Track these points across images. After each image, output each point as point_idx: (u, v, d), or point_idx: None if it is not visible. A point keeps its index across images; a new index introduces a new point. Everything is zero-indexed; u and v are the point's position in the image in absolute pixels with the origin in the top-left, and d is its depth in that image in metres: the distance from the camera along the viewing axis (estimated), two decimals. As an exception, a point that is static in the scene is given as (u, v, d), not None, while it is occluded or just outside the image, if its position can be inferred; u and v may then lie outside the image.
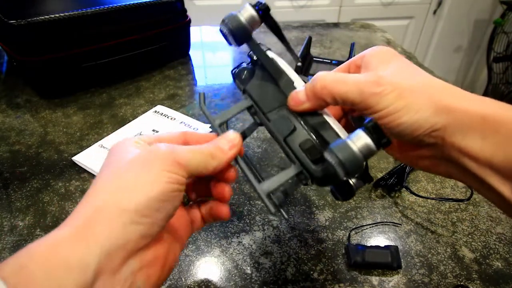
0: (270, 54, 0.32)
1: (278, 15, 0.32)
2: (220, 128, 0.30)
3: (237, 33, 0.29)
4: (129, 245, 0.21)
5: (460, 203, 0.48)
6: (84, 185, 0.49)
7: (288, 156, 0.30)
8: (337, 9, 1.83)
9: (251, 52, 0.32)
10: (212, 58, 0.88)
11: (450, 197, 0.49)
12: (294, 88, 0.30)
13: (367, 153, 0.23)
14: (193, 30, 0.83)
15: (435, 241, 0.43)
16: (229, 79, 0.78)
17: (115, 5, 0.65)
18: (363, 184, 0.30)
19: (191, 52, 0.85)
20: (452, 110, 0.24)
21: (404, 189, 0.49)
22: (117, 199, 0.21)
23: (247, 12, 0.29)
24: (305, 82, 0.30)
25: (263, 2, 0.30)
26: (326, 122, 0.29)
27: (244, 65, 0.33)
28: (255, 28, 0.30)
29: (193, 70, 0.80)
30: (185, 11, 0.78)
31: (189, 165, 0.25)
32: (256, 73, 0.32)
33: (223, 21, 0.30)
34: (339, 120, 0.32)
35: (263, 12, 0.30)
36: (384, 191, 0.50)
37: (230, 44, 0.31)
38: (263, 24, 0.31)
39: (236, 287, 0.38)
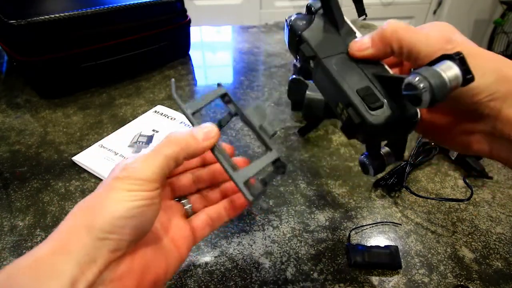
0: None
1: (278, 15, 0.32)
2: (194, 117, 0.29)
3: None
4: (99, 259, 0.23)
5: (460, 203, 0.48)
6: (84, 185, 0.49)
7: (264, 143, 0.30)
8: (337, 9, 1.83)
9: (310, 2, 0.32)
10: (212, 58, 0.88)
11: (450, 197, 0.49)
12: (355, 38, 0.29)
13: (454, 85, 0.22)
14: (193, 30, 0.83)
15: (435, 241, 0.43)
16: (229, 79, 0.78)
17: (115, 5, 0.65)
18: (394, 161, 0.30)
19: (191, 52, 0.85)
20: None
21: (404, 189, 0.49)
22: (85, 219, 0.24)
23: None
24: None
25: None
26: (387, 71, 0.28)
27: (300, 14, 0.33)
28: None
29: (193, 70, 0.80)
30: (185, 11, 0.78)
31: (155, 174, 0.25)
32: (315, 21, 0.31)
33: None
34: None
35: None
36: (384, 191, 0.50)
37: None
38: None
39: (236, 287, 0.38)
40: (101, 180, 0.50)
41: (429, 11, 1.96)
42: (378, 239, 0.43)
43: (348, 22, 0.31)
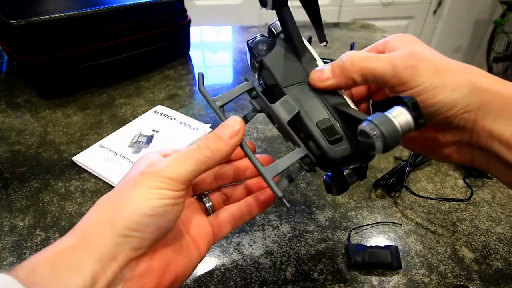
0: None
1: (278, 15, 0.32)
2: (221, 110, 0.29)
3: None
4: (120, 256, 0.23)
5: (460, 203, 0.48)
6: (84, 185, 0.49)
7: (292, 139, 0.29)
8: (337, 9, 1.83)
9: (272, 25, 0.31)
10: (212, 58, 0.88)
11: (450, 197, 0.49)
12: (316, 66, 0.29)
13: (406, 130, 0.23)
14: (193, 30, 0.83)
15: (435, 241, 0.43)
16: (229, 79, 0.78)
17: (115, 5, 0.65)
18: (356, 180, 0.30)
19: (191, 52, 0.85)
20: (486, 92, 0.23)
21: (404, 189, 0.49)
22: (109, 214, 0.24)
23: None
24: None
25: None
26: (346, 103, 0.28)
27: (262, 37, 0.32)
28: None
29: (193, 70, 0.80)
30: (185, 11, 0.78)
31: (183, 176, 0.25)
32: (277, 46, 0.31)
33: None
34: (356, 106, 0.31)
35: None
36: (384, 191, 0.50)
37: (263, 6, 0.29)
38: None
39: (236, 287, 0.38)
40: (101, 180, 0.50)
41: (429, 11, 1.96)
42: (378, 239, 0.43)
43: (310, 48, 0.31)
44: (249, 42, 0.32)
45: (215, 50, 0.91)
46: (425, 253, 0.42)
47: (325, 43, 0.32)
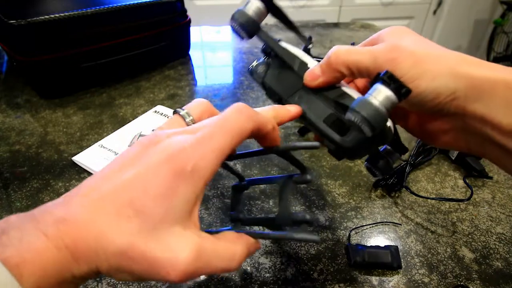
0: (282, 43, 0.33)
1: (278, 15, 0.32)
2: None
3: (247, 27, 0.31)
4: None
5: (460, 203, 0.48)
6: (84, 185, 0.49)
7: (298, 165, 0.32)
8: (337, 9, 1.83)
9: (264, 46, 0.34)
10: (212, 58, 0.88)
11: (450, 197, 0.49)
12: (308, 68, 0.31)
13: (390, 106, 0.23)
14: (193, 30, 0.83)
15: (435, 241, 0.43)
16: (229, 79, 0.78)
17: (115, 5, 0.65)
18: (398, 157, 0.32)
19: (191, 52, 0.85)
20: (471, 77, 0.23)
21: (404, 189, 0.49)
22: None
23: (253, 5, 0.31)
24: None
25: None
26: (344, 93, 0.29)
27: (258, 61, 0.35)
28: (262, 19, 0.32)
29: (193, 70, 0.80)
30: (185, 11, 0.78)
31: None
32: (272, 65, 0.33)
33: (232, 17, 0.31)
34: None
35: (268, 2, 0.31)
36: (384, 191, 0.50)
37: (241, 38, 0.32)
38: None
39: (236, 287, 0.38)
40: (101, 180, 0.50)
41: (429, 11, 1.96)
42: (378, 239, 0.43)
43: (299, 53, 0.32)
44: (249, 69, 0.35)
45: (215, 50, 0.91)
46: (425, 253, 0.42)
47: (310, 45, 0.34)
